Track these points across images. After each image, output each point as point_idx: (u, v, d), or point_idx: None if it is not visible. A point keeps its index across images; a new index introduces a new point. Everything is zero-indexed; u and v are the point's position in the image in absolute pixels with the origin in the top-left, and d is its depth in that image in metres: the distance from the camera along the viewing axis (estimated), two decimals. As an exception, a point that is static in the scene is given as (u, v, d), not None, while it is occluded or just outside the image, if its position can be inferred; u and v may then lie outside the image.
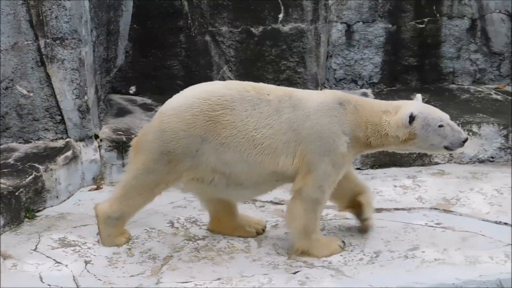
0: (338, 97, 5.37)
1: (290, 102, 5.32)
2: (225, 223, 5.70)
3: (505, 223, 5.67)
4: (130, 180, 5.39)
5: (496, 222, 5.72)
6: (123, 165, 6.23)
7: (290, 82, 7.45)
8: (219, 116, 5.25)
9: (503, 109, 7.16)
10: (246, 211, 5.89)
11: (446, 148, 5.40)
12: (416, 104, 5.42)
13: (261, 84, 5.44)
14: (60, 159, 6.21)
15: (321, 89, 7.48)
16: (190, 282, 5.00)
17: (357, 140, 5.36)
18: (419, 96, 5.52)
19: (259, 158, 5.29)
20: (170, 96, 5.33)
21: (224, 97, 5.27)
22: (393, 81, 7.75)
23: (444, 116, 5.36)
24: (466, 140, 5.34)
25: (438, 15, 7.61)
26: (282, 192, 5.80)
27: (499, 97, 7.44)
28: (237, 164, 5.28)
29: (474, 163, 6.83)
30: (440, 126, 5.31)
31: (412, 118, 5.29)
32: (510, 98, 7.38)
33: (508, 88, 7.63)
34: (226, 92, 5.29)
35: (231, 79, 7.39)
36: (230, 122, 5.25)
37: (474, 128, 6.82)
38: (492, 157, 6.83)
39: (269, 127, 5.28)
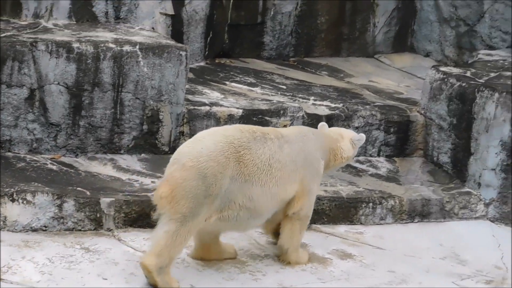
0: (308, 131, 6.64)
1: (284, 139, 6.40)
2: (212, 249, 6.55)
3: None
4: (177, 228, 5.90)
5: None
6: None
7: None
8: (242, 156, 6.13)
9: (58, 179, 7.31)
10: None
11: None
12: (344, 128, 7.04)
13: (255, 126, 6.43)
14: None
15: None
16: None
17: (326, 163, 6.68)
18: (324, 123, 6.89)
19: (275, 190, 6.28)
20: None
21: (242, 139, 6.16)
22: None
23: None
24: None
25: (-3, 82, 7.54)
26: None
27: (54, 167, 7.57)
28: (260, 197, 6.20)
29: (27, 231, 6.83)
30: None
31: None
32: (65, 168, 7.55)
33: (63, 159, 7.76)
34: (241, 134, 6.20)
35: None
36: (250, 160, 6.16)
37: (29, 197, 6.86)
38: (45, 226, 6.91)
39: (278, 161, 6.29)
